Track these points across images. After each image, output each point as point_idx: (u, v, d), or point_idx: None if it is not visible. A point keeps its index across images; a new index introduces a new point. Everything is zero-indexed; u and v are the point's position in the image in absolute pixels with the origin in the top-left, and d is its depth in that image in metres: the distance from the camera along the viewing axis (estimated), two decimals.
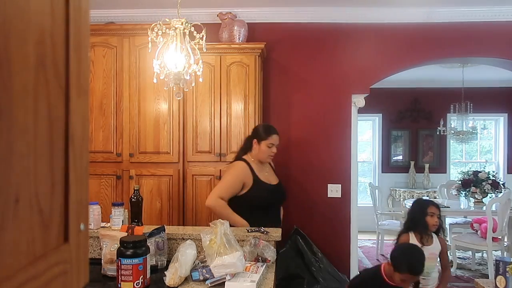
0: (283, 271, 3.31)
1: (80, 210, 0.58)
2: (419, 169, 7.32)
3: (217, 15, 3.51)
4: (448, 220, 5.52)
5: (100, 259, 2.09)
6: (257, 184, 2.65)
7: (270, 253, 2.14)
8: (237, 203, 2.62)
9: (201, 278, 1.87)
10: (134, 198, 2.34)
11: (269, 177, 2.76)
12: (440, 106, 7.06)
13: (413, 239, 2.66)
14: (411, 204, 2.90)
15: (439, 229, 2.73)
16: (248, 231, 2.36)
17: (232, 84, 3.28)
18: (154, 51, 2.23)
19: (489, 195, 5.09)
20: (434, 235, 2.72)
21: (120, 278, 1.77)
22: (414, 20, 3.65)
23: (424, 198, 2.32)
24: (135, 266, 1.77)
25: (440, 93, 7.18)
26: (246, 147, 2.78)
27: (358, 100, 3.71)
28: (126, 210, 2.39)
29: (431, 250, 2.65)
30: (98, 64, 3.24)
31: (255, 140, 2.72)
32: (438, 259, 2.77)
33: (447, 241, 5.38)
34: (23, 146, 0.45)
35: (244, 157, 2.73)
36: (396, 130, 7.49)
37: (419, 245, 2.58)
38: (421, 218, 2.67)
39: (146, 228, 2.20)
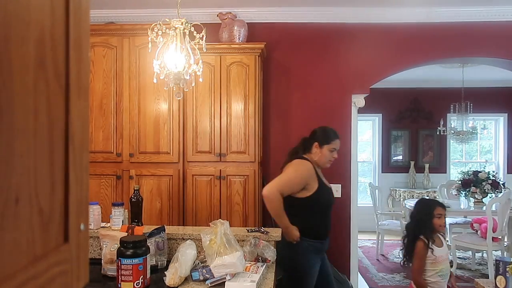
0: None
1: (80, 210, 0.58)
2: (419, 169, 7.32)
3: (217, 15, 3.51)
4: (448, 220, 5.52)
5: (100, 259, 2.09)
6: (322, 187, 2.51)
7: (270, 253, 2.14)
8: (294, 205, 2.46)
9: (201, 278, 1.87)
10: (134, 198, 2.34)
11: (325, 180, 2.63)
12: (440, 106, 7.06)
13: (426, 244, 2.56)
14: (413, 205, 2.77)
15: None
16: (248, 231, 2.36)
17: (232, 84, 3.28)
18: (154, 51, 2.23)
19: (489, 195, 5.09)
20: (440, 235, 2.64)
21: (120, 278, 1.77)
22: (414, 20, 3.65)
23: (427, 197, 2.23)
24: (135, 266, 1.77)
25: (440, 93, 7.18)
26: (305, 148, 2.63)
27: (358, 100, 3.71)
28: (126, 210, 2.39)
29: (444, 251, 2.58)
30: (98, 64, 3.24)
31: (316, 144, 2.57)
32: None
33: (447, 241, 5.39)
34: (23, 146, 0.45)
35: (306, 156, 2.59)
36: (396, 130, 7.49)
37: (430, 250, 2.51)
38: (428, 220, 2.55)
39: (146, 228, 2.20)
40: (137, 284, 1.77)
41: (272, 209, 2.42)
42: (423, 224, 2.56)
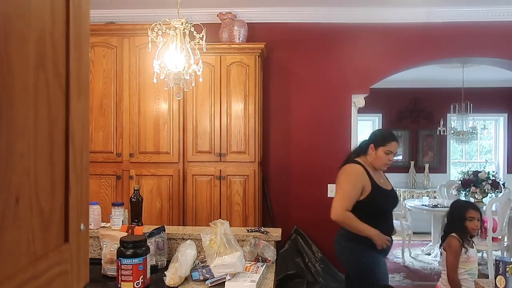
0: (283, 271, 3.31)
1: (80, 210, 0.58)
2: (419, 169, 7.32)
3: (217, 15, 3.51)
4: None
5: (100, 259, 2.09)
6: (375, 190, 2.46)
7: (270, 253, 2.14)
8: (354, 208, 2.43)
9: (201, 278, 1.87)
10: (134, 198, 2.34)
11: (383, 182, 2.58)
12: (440, 106, 7.06)
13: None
14: (449, 206, 2.77)
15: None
16: (248, 231, 2.36)
17: (232, 84, 3.28)
18: (154, 51, 2.22)
19: (489, 195, 5.09)
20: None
21: (120, 278, 1.77)
22: (414, 20, 3.65)
23: (462, 199, 2.20)
24: (135, 266, 1.77)
25: (440, 93, 7.18)
26: (360, 150, 2.60)
27: (358, 100, 3.71)
28: (126, 210, 2.39)
29: (475, 251, 2.59)
30: (98, 64, 3.24)
31: (372, 146, 2.53)
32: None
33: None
34: (23, 146, 0.45)
35: (358, 159, 2.55)
36: (396, 130, 7.47)
37: (463, 250, 2.51)
38: (461, 223, 2.55)
39: (146, 228, 2.20)
40: (137, 284, 1.77)
41: (349, 227, 2.39)
42: (456, 226, 2.57)
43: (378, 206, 2.46)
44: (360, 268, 2.43)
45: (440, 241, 2.72)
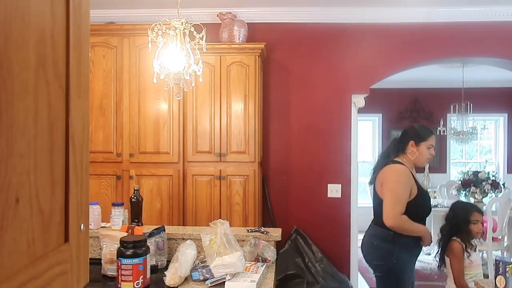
0: (283, 271, 3.31)
1: (80, 210, 0.58)
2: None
3: (217, 15, 3.51)
4: None
5: (100, 259, 2.09)
6: (421, 192, 2.42)
7: (270, 253, 2.14)
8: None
9: (201, 278, 1.87)
10: (134, 198, 2.34)
11: (422, 183, 2.52)
12: (440, 106, 7.06)
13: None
14: (449, 208, 2.68)
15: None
16: (248, 231, 2.36)
17: (232, 84, 3.28)
18: (154, 51, 2.22)
19: (489, 195, 5.09)
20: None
21: (120, 278, 1.77)
22: (414, 20, 3.65)
23: (464, 201, 2.12)
24: (135, 266, 1.77)
25: (440, 93, 7.18)
26: (397, 149, 2.53)
27: (358, 100, 3.71)
28: (126, 210, 2.39)
29: (479, 256, 2.51)
30: (98, 64, 3.24)
31: (412, 142, 2.46)
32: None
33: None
34: (23, 146, 0.45)
35: (398, 159, 2.48)
36: (396, 130, 7.47)
37: (466, 254, 2.44)
38: (465, 226, 2.48)
39: (146, 228, 2.20)
40: (137, 284, 1.77)
41: (405, 231, 2.35)
42: (460, 229, 2.49)
43: (423, 208, 2.44)
44: (389, 269, 2.40)
45: (439, 245, 2.62)
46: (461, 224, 2.50)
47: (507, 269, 1.88)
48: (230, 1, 3.51)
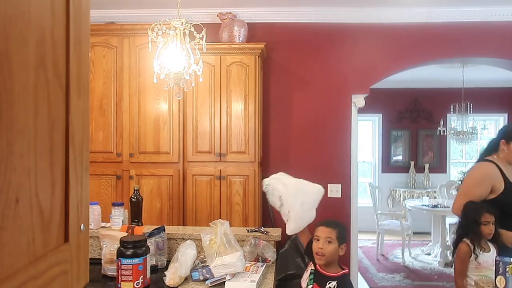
0: (283, 271, 3.31)
1: (80, 210, 0.58)
2: (419, 169, 7.32)
3: (217, 15, 3.51)
4: (448, 220, 5.52)
5: (100, 259, 2.09)
6: (509, 187, 2.40)
7: (270, 253, 2.14)
8: None
9: (201, 278, 1.87)
10: (134, 198, 2.34)
11: None
12: (440, 106, 7.06)
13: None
14: (463, 210, 2.64)
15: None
16: (248, 231, 2.36)
17: (232, 84, 3.28)
18: (154, 51, 2.22)
19: None
20: (487, 240, 2.49)
21: (120, 278, 1.77)
22: (414, 20, 3.65)
23: (475, 202, 2.10)
24: (135, 266, 1.77)
25: (440, 93, 7.18)
26: (490, 149, 2.57)
27: (358, 100, 3.71)
28: (126, 210, 2.39)
29: (491, 257, 2.40)
30: (98, 64, 3.24)
31: (503, 141, 2.48)
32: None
33: (447, 241, 5.39)
34: (23, 146, 0.45)
35: (488, 157, 2.52)
36: (396, 130, 7.49)
37: (473, 255, 2.42)
38: (475, 227, 2.45)
39: (146, 228, 2.20)
40: (137, 284, 1.77)
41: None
42: (470, 230, 2.47)
43: (510, 205, 2.42)
44: None
45: (452, 247, 2.62)
46: (471, 225, 2.45)
47: (507, 269, 1.88)
48: (230, 1, 3.51)
